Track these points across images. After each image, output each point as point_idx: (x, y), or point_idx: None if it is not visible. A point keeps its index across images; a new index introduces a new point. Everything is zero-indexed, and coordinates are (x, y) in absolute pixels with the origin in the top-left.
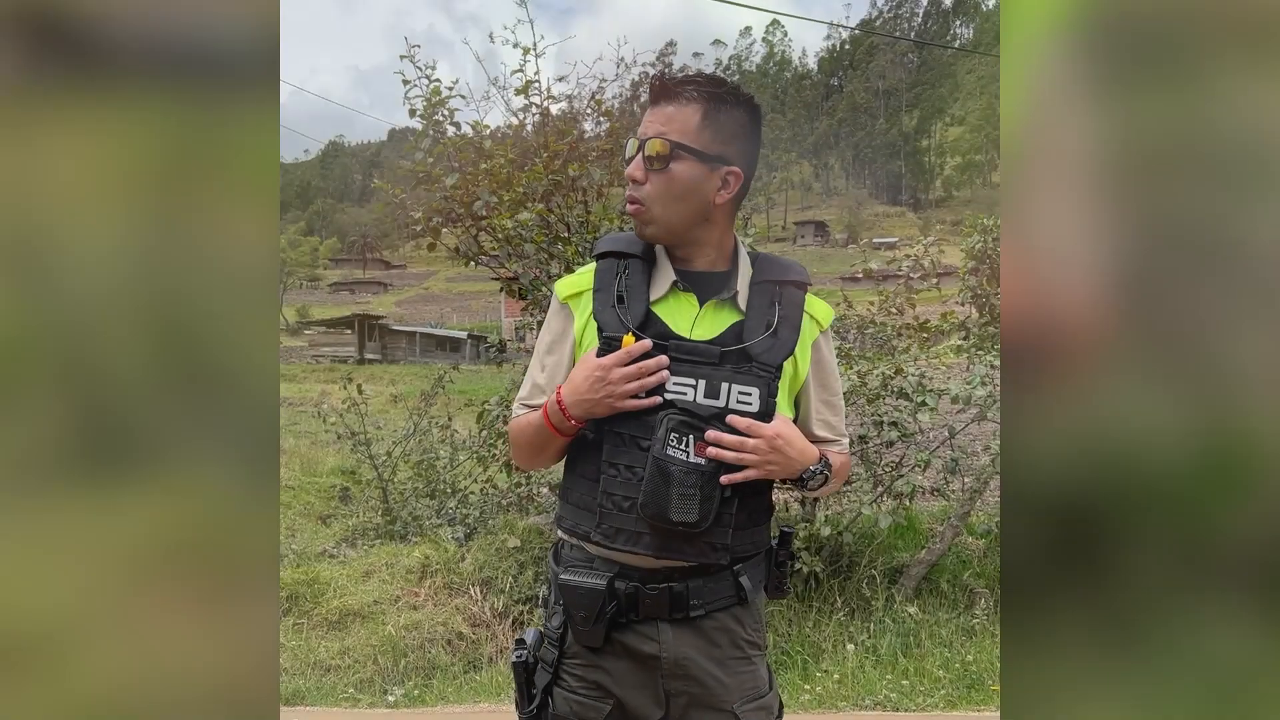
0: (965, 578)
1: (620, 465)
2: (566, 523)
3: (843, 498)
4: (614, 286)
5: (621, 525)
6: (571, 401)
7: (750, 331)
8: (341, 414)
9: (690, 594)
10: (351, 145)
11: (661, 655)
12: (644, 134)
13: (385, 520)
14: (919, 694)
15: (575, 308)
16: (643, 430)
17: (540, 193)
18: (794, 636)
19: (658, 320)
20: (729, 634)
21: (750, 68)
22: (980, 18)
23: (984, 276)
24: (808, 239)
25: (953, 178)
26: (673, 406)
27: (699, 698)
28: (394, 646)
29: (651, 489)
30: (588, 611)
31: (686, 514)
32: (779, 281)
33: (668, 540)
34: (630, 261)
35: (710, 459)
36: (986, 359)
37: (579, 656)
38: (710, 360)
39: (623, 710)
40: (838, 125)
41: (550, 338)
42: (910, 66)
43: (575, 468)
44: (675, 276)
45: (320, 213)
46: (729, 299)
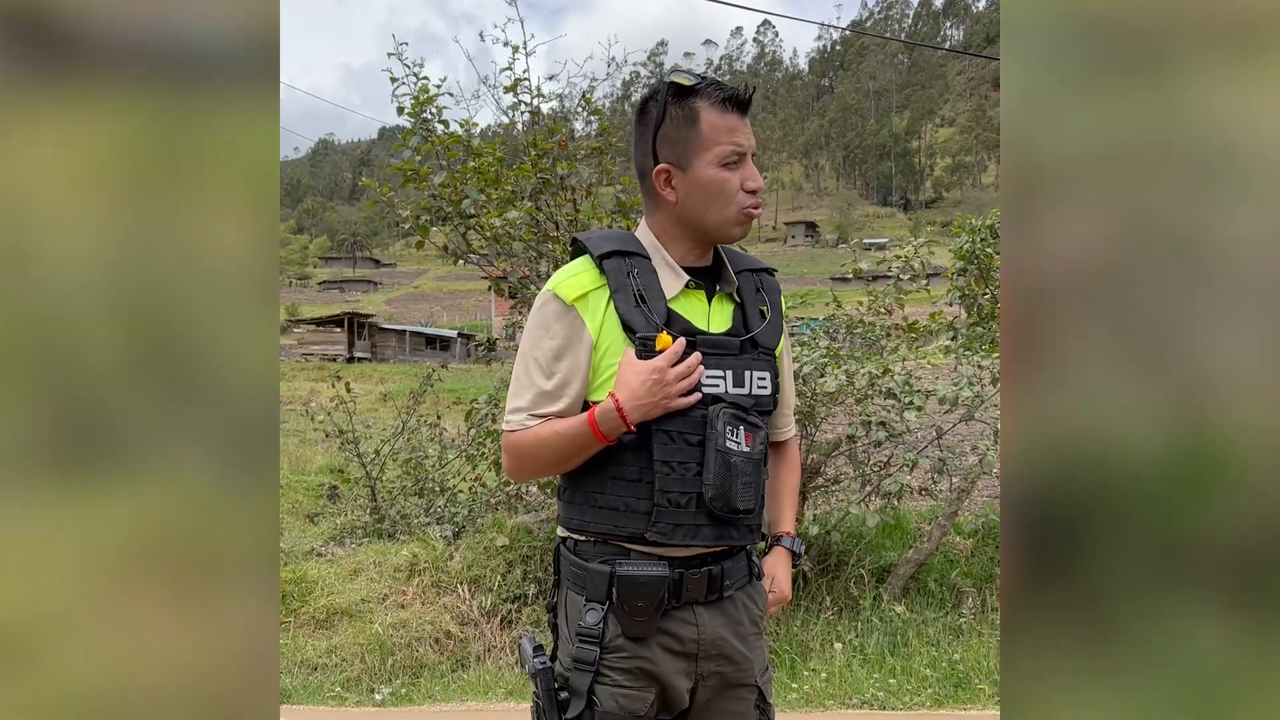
0: (953, 577)
1: (674, 463)
2: (598, 526)
3: (831, 497)
4: (630, 286)
5: (680, 520)
6: (631, 407)
7: (751, 318)
8: (330, 412)
9: (724, 575)
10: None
11: (700, 638)
12: (751, 146)
13: (373, 519)
14: (906, 693)
15: (584, 310)
16: (689, 426)
17: (529, 191)
18: (782, 635)
19: (680, 318)
20: (748, 611)
21: (741, 67)
22: (970, 19)
23: (972, 278)
24: (798, 239)
25: (943, 179)
26: (719, 400)
27: (729, 676)
28: (381, 645)
29: (719, 481)
30: (647, 601)
31: (748, 501)
32: (755, 270)
33: (725, 529)
34: (636, 260)
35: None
36: (974, 360)
37: (622, 650)
38: (732, 351)
39: (664, 697)
40: (828, 126)
41: (556, 342)
42: (901, 67)
43: (603, 471)
44: (688, 275)
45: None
46: (728, 292)
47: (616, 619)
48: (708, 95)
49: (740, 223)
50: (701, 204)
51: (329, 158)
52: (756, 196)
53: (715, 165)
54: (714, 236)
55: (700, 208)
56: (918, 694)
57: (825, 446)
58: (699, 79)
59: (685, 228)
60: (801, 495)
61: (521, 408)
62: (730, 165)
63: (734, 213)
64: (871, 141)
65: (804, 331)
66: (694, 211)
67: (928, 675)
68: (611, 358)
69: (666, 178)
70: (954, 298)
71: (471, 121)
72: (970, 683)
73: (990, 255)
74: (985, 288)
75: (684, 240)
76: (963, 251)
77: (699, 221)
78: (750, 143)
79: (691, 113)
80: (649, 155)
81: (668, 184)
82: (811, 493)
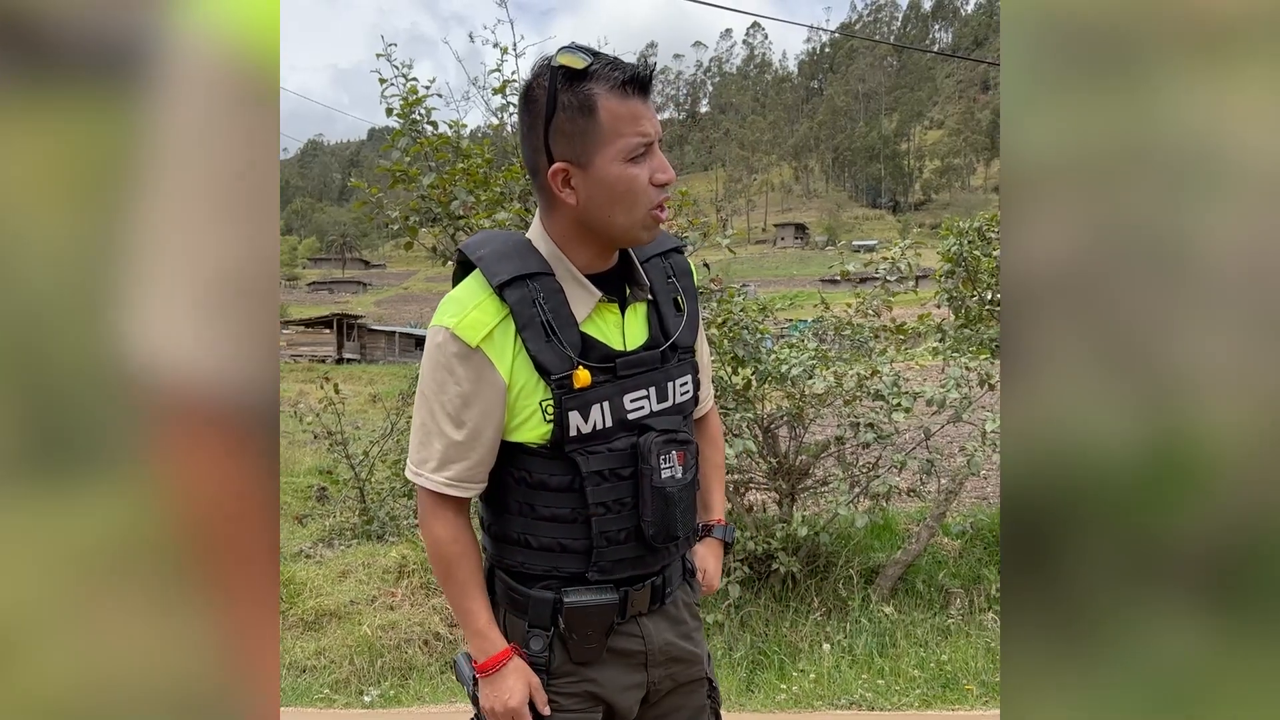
0: (941, 578)
1: (609, 502)
2: (534, 567)
3: (819, 498)
4: (538, 316)
5: (620, 555)
6: (485, 689)
7: (667, 319)
8: (319, 413)
9: (665, 584)
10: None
11: (649, 648)
12: (658, 133)
13: (362, 520)
14: (894, 693)
15: (490, 350)
16: (619, 461)
17: (518, 193)
18: (771, 636)
19: (596, 342)
20: (687, 606)
21: (731, 70)
22: (959, 22)
23: (960, 280)
24: (787, 241)
25: (931, 181)
26: (648, 430)
27: (679, 676)
28: (370, 647)
29: (658, 516)
30: (596, 629)
31: (687, 525)
32: (662, 253)
33: (666, 551)
34: (540, 282)
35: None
36: (962, 361)
37: (569, 675)
38: (653, 365)
39: (611, 714)
40: (818, 128)
41: (464, 389)
42: (889, 70)
43: (532, 511)
44: (599, 292)
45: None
46: (642, 298)
47: (563, 645)
48: (604, 79)
49: (649, 225)
50: (606, 206)
51: (318, 158)
52: (666, 190)
53: (620, 160)
54: (620, 241)
55: (605, 210)
56: (906, 694)
57: (814, 448)
58: (590, 57)
59: (588, 232)
60: (790, 496)
61: (430, 459)
62: (637, 159)
63: (642, 214)
64: (861, 143)
65: (793, 333)
66: (598, 215)
67: (916, 676)
68: (527, 399)
69: (565, 177)
70: (942, 300)
71: (461, 123)
72: (958, 683)
73: (978, 258)
74: (973, 290)
75: (588, 245)
76: (951, 254)
77: (604, 225)
78: (657, 129)
79: (587, 100)
80: (540, 151)
81: (566, 184)
82: (800, 494)
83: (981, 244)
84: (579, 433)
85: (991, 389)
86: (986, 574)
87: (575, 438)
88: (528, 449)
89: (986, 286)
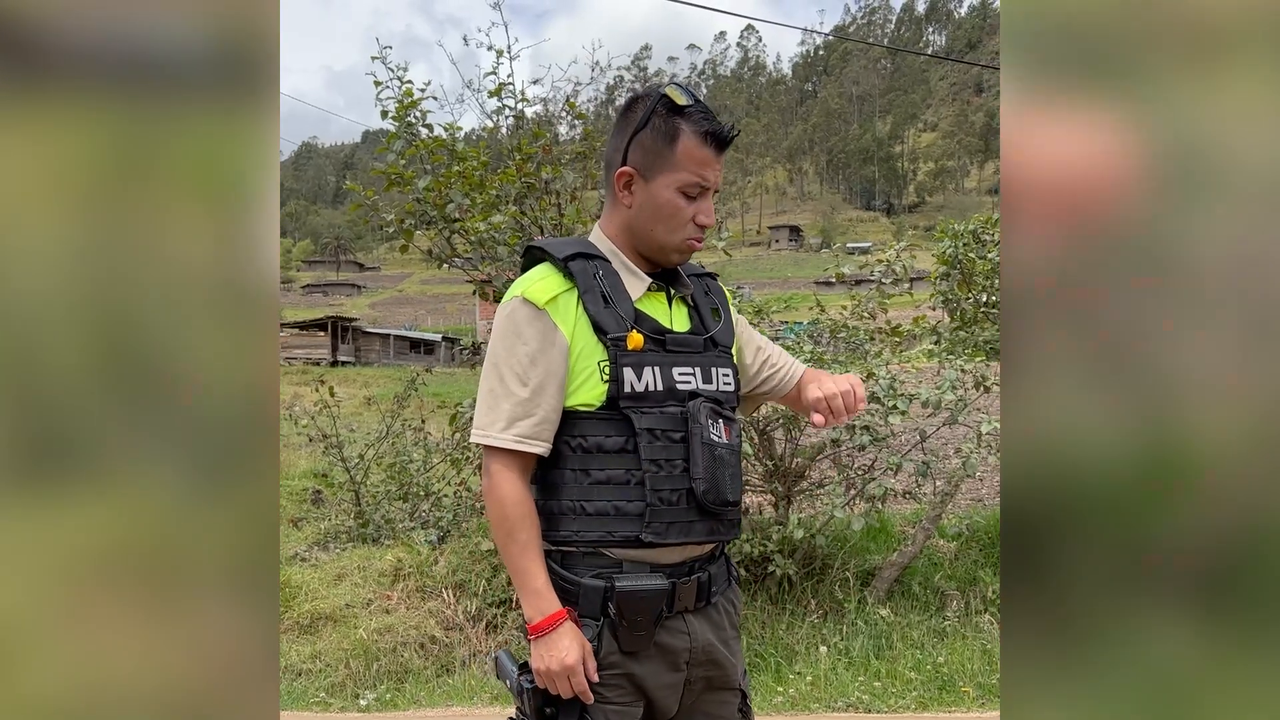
0: (937, 580)
1: (662, 460)
2: (589, 534)
3: (815, 501)
4: (597, 286)
5: (674, 519)
6: (540, 648)
7: (707, 320)
8: (314, 416)
9: (711, 581)
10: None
11: (692, 646)
12: (717, 184)
13: (358, 523)
14: (891, 695)
15: (555, 313)
16: (670, 424)
17: (513, 195)
18: (767, 639)
19: (648, 317)
20: (729, 615)
21: (725, 72)
22: (952, 25)
23: (955, 282)
24: (782, 243)
25: (925, 183)
26: (696, 395)
27: (714, 680)
28: (366, 650)
29: (709, 474)
30: (646, 615)
31: (735, 491)
32: (700, 275)
33: (715, 525)
34: (599, 263)
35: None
36: (957, 363)
37: (615, 666)
38: (697, 349)
39: (651, 710)
40: (812, 130)
41: (530, 347)
42: (884, 72)
43: (585, 477)
44: (649, 279)
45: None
46: (683, 295)
47: (613, 634)
48: (694, 120)
49: (682, 251)
50: (651, 220)
51: (312, 161)
52: (704, 233)
53: (675, 189)
54: (655, 254)
55: (649, 223)
56: (902, 696)
57: (809, 450)
58: (693, 101)
59: (633, 237)
60: (786, 499)
61: (498, 420)
62: (690, 196)
63: (678, 240)
64: (855, 146)
65: (788, 335)
66: (643, 223)
67: (912, 678)
68: (586, 360)
69: (628, 181)
70: (937, 302)
71: (456, 125)
72: (954, 685)
73: (973, 260)
74: (968, 292)
75: (632, 249)
76: (946, 256)
77: (645, 235)
78: (716, 181)
79: (673, 131)
80: (619, 152)
81: (627, 188)
82: (796, 496)
83: (976, 246)
84: (632, 389)
85: (986, 391)
86: (982, 576)
87: (630, 394)
88: (584, 414)
89: (982, 289)
